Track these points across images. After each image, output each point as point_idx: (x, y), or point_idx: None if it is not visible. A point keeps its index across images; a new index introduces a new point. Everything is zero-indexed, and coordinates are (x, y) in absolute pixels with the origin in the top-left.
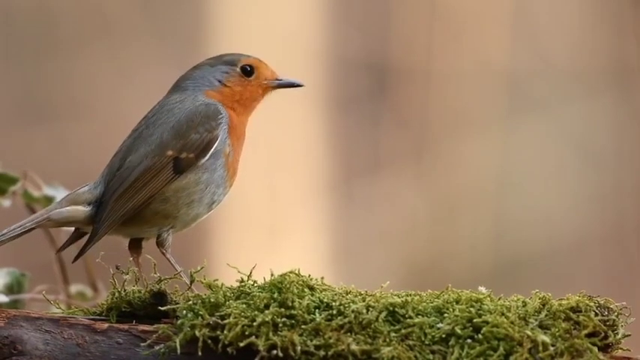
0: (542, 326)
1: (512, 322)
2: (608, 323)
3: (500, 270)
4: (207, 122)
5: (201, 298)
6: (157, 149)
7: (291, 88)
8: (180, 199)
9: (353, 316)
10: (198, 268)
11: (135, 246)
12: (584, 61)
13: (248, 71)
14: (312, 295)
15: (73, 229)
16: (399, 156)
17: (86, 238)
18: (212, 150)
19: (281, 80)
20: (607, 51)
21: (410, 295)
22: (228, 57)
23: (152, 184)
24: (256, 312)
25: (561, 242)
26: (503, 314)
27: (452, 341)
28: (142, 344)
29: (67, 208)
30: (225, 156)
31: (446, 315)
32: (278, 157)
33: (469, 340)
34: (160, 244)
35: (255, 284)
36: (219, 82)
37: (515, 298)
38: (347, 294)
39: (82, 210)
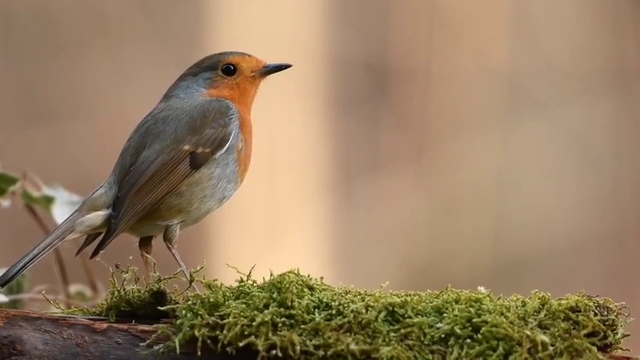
0: (542, 326)
1: (511, 322)
2: (607, 323)
3: (499, 270)
4: (220, 118)
5: (200, 297)
6: (173, 144)
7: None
8: (194, 194)
9: (352, 315)
10: (198, 268)
11: (145, 244)
12: (584, 61)
13: (231, 70)
14: (312, 294)
15: None
16: (399, 156)
17: (98, 238)
18: (227, 145)
19: (268, 66)
20: (607, 51)
21: (409, 295)
22: (208, 62)
23: (169, 178)
24: (256, 312)
25: (561, 242)
26: (502, 314)
27: (451, 341)
28: (142, 344)
29: (88, 215)
30: (238, 151)
31: (445, 315)
32: (278, 158)
33: (468, 340)
34: (167, 238)
35: (255, 284)
36: (209, 86)
37: (515, 298)
38: (346, 294)
39: (102, 214)
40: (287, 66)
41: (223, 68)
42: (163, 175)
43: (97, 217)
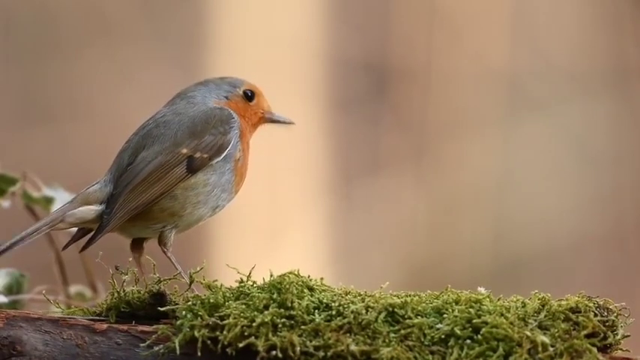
0: (542, 327)
1: (511, 323)
2: (607, 324)
3: (499, 270)
4: (220, 125)
5: (200, 298)
6: (172, 146)
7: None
8: (188, 199)
9: (352, 316)
10: (198, 269)
11: (137, 246)
12: (584, 61)
13: (249, 96)
14: (312, 295)
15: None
16: (399, 156)
17: (89, 234)
18: (225, 152)
19: (273, 115)
20: (607, 51)
21: (409, 295)
22: (230, 79)
23: (165, 180)
24: (256, 312)
25: (561, 242)
26: (502, 315)
27: (451, 342)
28: (142, 345)
29: (80, 208)
30: (235, 161)
31: (445, 315)
32: (278, 158)
33: (468, 341)
34: (162, 242)
35: (255, 285)
36: (225, 97)
37: (515, 299)
38: (346, 294)
39: (95, 209)
40: (290, 122)
41: (245, 90)
42: (159, 176)
43: (89, 210)
